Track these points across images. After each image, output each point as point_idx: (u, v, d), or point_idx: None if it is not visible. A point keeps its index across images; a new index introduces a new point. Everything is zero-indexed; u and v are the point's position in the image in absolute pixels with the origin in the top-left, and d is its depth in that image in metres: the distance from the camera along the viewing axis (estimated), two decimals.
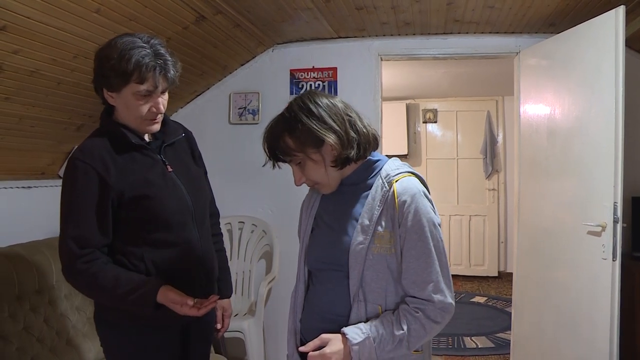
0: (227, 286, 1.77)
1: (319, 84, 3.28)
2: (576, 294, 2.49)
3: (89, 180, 1.36)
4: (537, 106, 2.90)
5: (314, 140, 1.22)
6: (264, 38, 3.10)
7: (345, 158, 1.24)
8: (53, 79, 2.08)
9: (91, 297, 1.52)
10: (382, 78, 3.30)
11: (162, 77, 1.39)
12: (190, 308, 1.36)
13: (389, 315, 1.22)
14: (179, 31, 2.40)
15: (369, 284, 1.23)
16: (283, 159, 1.27)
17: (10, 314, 1.94)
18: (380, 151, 3.32)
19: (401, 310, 1.21)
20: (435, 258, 1.20)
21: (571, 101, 2.59)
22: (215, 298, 1.44)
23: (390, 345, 1.19)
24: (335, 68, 3.26)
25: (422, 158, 6.20)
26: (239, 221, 3.33)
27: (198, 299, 1.39)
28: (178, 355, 1.56)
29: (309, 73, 3.28)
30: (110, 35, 1.46)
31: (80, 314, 2.29)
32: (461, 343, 3.83)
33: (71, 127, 2.48)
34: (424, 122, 6.20)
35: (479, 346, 3.76)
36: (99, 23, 1.95)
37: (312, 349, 1.20)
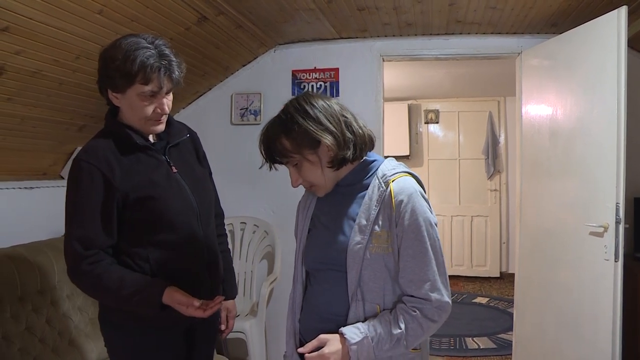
0: (232, 287, 1.77)
1: (320, 85, 3.28)
2: (578, 294, 2.49)
3: (94, 181, 1.36)
4: (539, 107, 2.90)
5: (310, 141, 1.23)
6: (266, 39, 3.10)
7: (341, 159, 1.25)
8: (55, 79, 2.08)
9: (96, 298, 1.52)
10: (384, 79, 3.30)
11: (167, 78, 1.39)
12: (195, 309, 1.36)
13: (387, 314, 1.23)
14: (181, 32, 2.40)
15: (367, 284, 1.24)
16: (280, 160, 1.27)
17: (12, 315, 1.95)
18: (382, 152, 3.33)
19: (398, 309, 1.22)
20: (432, 257, 1.22)
21: (573, 102, 2.58)
22: (221, 299, 1.44)
23: (388, 344, 1.20)
24: (337, 69, 3.26)
25: (424, 158, 6.19)
26: (241, 222, 3.33)
27: (204, 300, 1.39)
28: (182, 356, 1.56)
29: (311, 74, 3.28)
30: (112, 36, 1.46)
31: (82, 314, 2.29)
32: (463, 344, 3.82)
33: (73, 128, 2.48)
34: (425, 123, 6.19)
35: (481, 347, 3.75)
36: (101, 24, 1.96)
37: (311, 349, 1.21)
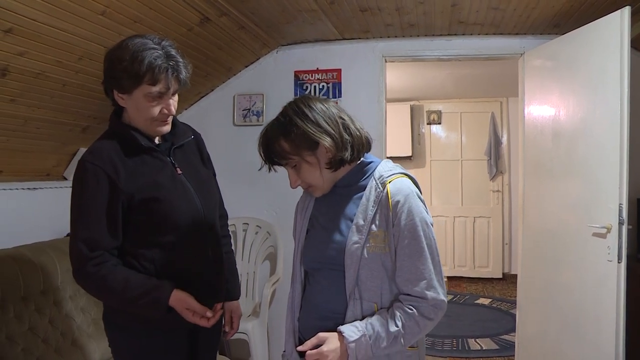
0: (236, 288, 1.77)
1: (323, 86, 3.28)
2: (581, 296, 2.48)
3: (99, 183, 1.36)
4: (542, 107, 2.89)
5: (309, 143, 1.25)
6: (268, 40, 3.11)
7: (339, 160, 1.28)
8: (58, 80, 2.09)
9: (101, 300, 1.52)
10: (387, 79, 3.31)
11: (174, 79, 1.39)
12: (201, 318, 1.39)
13: (384, 312, 1.25)
14: (183, 33, 2.41)
15: (364, 283, 1.26)
16: (279, 162, 1.30)
17: (15, 315, 1.95)
18: (384, 153, 3.33)
19: (395, 307, 1.25)
20: (428, 256, 1.24)
21: (576, 102, 2.58)
22: (219, 307, 1.48)
23: (385, 342, 1.22)
24: (340, 69, 3.26)
25: (426, 159, 6.18)
26: (243, 222, 3.34)
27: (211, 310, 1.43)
28: (186, 358, 1.57)
29: (313, 74, 3.28)
30: (115, 37, 1.47)
31: (85, 314, 2.29)
32: (465, 345, 3.81)
33: (76, 129, 2.49)
34: (428, 124, 6.19)
35: (483, 348, 3.75)
36: (104, 25, 1.96)
37: (310, 347, 1.23)
